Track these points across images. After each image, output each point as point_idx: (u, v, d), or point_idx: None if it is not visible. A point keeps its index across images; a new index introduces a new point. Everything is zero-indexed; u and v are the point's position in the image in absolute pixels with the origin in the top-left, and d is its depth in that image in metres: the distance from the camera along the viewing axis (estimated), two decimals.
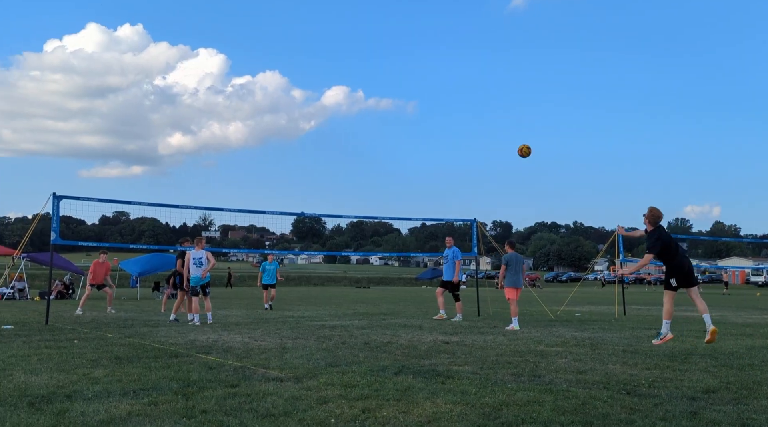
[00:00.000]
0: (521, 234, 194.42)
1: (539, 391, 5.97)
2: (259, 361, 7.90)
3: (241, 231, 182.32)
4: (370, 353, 8.83)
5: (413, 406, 5.32)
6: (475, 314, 18.06)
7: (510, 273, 13.46)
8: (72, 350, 8.87)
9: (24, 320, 14.59)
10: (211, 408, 5.19)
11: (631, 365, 7.81)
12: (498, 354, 8.76)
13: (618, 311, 19.29)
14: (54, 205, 13.74)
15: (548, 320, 15.86)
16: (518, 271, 13.50)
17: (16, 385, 6.14)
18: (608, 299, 32.16)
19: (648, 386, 6.31)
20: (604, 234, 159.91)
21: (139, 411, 5.08)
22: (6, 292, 26.51)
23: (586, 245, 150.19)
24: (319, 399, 5.56)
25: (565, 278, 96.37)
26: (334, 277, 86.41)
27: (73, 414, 4.97)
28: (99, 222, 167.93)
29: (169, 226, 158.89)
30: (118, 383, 6.26)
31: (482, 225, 19.29)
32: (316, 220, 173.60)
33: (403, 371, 7.10)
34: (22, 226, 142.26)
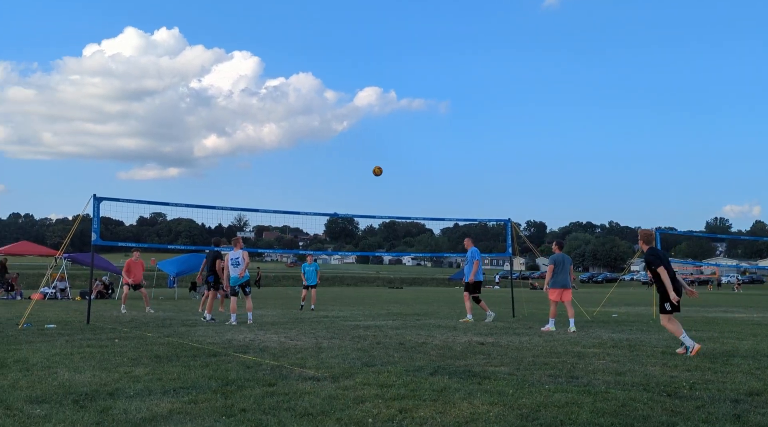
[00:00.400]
0: (556, 234, 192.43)
1: (577, 392, 5.92)
2: (296, 360, 7.97)
3: (275, 232, 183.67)
4: (405, 353, 8.84)
5: (450, 406, 5.31)
6: (510, 314, 17.95)
7: (556, 273, 13.17)
8: (113, 348, 9.04)
9: (66, 319, 14.90)
10: (250, 407, 5.25)
11: (670, 366, 7.70)
12: (534, 355, 8.70)
13: (655, 312, 18.99)
14: (94, 206, 14.01)
15: (585, 320, 15.70)
16: (566, 272, 13.22)
17: (60, 382, 6.28)
18: (645, 300, 31.72)
19: (689, 388, 6.21)
20: None
21: (179, 409, 5.16)
22: (48, 292, 27.08)
23: (622, 245, 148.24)
24: (355, 399, 5.59)
25: (600, 279, 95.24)
26: (367, 277, 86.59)
27: (116, 412, 5.07)
28: (137, 223, 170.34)
29: (204, 227, 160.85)
30: (159, 382, 6.37)
31: (516, 225, 19.17)
32: (349, 220, 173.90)
33: (438, 372, 7.10)
34: (62, 227, 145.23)
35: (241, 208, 19.40)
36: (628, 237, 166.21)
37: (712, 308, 24.77)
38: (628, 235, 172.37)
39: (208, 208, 16.42)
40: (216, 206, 16.30)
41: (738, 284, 64.10)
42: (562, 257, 13.29)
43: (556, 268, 13.13)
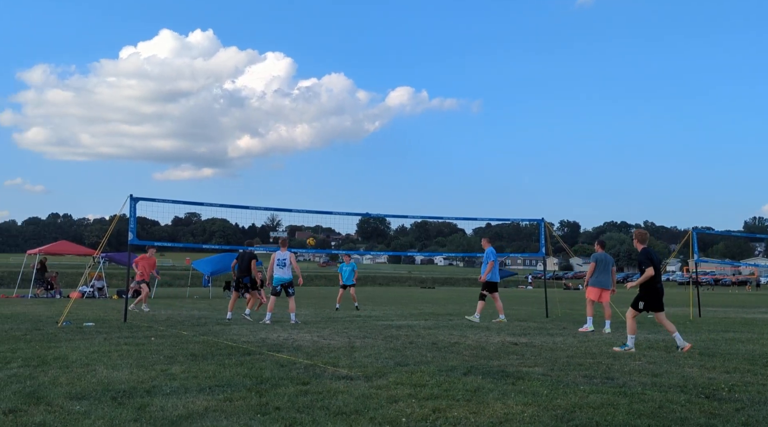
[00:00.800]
0: (590, 234, 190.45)
1: (613, 393, 5.86)
2: (329, 359, 8.00)
3: (308, 231, 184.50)
4: (438, 353, 8.83)
5: (484, 407, 5.29)
6: (544, 315, 17.82)
7: (597, 273, 12.88)
8: (150, 346, 9.18)
9: (104, 317, 15.17)
10: (284, 405, 5.29)
11: (708, 368, 7.57)
12: (569, 356, 8.62)
13: (693, 313, 18.69)
14: (131, 206, 14.24)
15: (620, 321, 15.50)
16: (607, 272, 12.89)
17: (99, 380, 6.40)
18: (682, 300, 31.20)
19: (728, 391, 6.10)
20: (677, 234, 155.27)
21: (215, 407, 5.22)
22: (86, 290, 27.59)
23: (657, 245, 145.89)
24: (389, 398, 5.60)
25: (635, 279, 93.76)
26: (399, 277, 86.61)
27: (153, 409, 5.14)
28: (172, 223, 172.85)
29: (238, 226, 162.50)
30: (194, 380, 6.45)
31: (549, 225, 19.01)
32: (381, 220, 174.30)
33: (472, 372, 7.07)
34: (100, 227, 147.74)
35: (274, 208, 19.60)
36: (664, 237, 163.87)
37: (750, 309, 24.28)
38: (664, 235, 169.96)
39: (242, 208, 16.59)
40: (249, 206, 16.47)
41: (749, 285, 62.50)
42: (604, 257, 13.00)
43: (598, 267, 12.84)
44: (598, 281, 12.87)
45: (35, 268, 29.16)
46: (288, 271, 13.95)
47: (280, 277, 13.92)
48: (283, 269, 13.91)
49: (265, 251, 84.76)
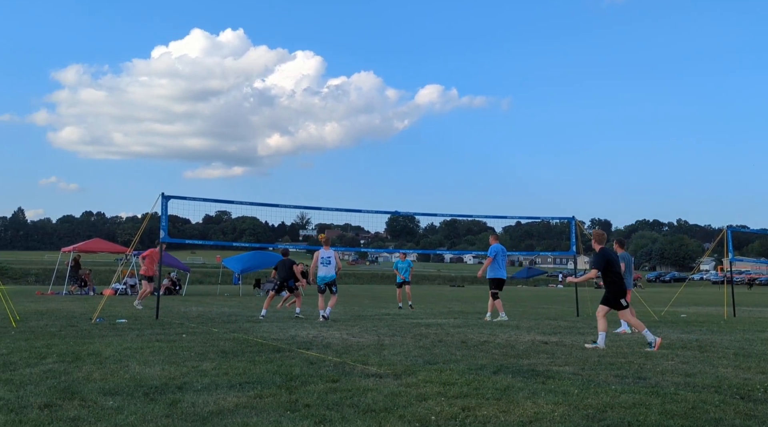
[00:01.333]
0: (621, 232, 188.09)
1: (645, 393, 5.78)
2: (358, 357, 8.01)
3: (337, 230, 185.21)
4: (467, 351, 8.79)
5: (514, 405, 5.26)
6: (574, 313, 17.65)
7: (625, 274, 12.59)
8: (181, 343, 9.28)
9: (136, 314, 15.38)
10: (314, 402, 5.31)
11: (743, 368, 7.43)
12: (600, 355, 8.53)
13: (727, 313, 18.38)
14: (163, 204, 14.40)
15: (652, 320, 15.31)
16: (629, 271, 12.43)
17: (131, 376, 6.49)
18: (716, 300, 30.69)
19: (764, 391, 5.98)
20: (711, 232, 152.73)
21: (245, 404, 5.26)
22: (119, 287, 28.00)
23: (691, 243, 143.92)
24: (418, 396, 5.59)
25: (668, 278, 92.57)
26: (428, 275, 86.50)
27: (185, 405, 5.20)
28: (203, 221, 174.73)
29: (268, 225, 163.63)
30: (225, 376, 6.50)
31: (580, 223, 18.82)
32: (410, 218, 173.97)
33: (501, 371, 7.03)
34: (132, 225, 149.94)
35: (303, 206, 19.76)
36: (697, 236, 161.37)
37: None
38: (698, 233, 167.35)
39: (272, 206, 16.70)
40: (279, 204, 16.58)
41: None
42: (624, 256, 12.36)
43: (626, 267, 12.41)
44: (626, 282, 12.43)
45: (69, 265, 29.67)
46: (332, 269, 14.03)
47: (325, 275, 14.00)
48: (328, 267, 13.99)
49: (294, 248, 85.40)
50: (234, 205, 16.46)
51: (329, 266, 14.00)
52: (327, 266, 14.00)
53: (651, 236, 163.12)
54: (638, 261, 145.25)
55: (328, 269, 14.00)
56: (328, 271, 14.00)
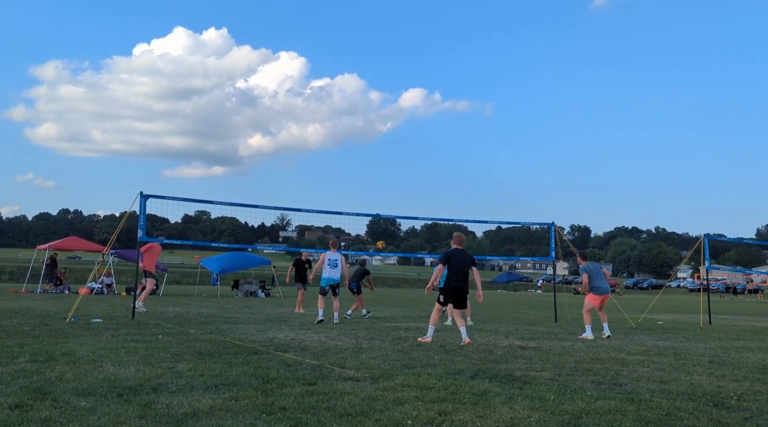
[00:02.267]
0: (600, 239, 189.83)
1: (621, 400, 5.81)
2: (336, 360, 7.98)
3: (318, 231, 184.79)
4: (445, 355, 8.80)
5: (490, 410, 5.26)
6: (552, 319, 17.74)
7: (593, 281, 12.73)
8: (157, 344, 9.19)
9: (112, 314, 15.21)
10: (290, 405, 5.28)
11: (717, 376, 7.50)
12: (577, 361, 8.57)
13: (703, 320, 18.57)
14: (141, 203, 14.26)
15: (629, 327, 15.43)
16: (600, 277, 12.82)
17: (105, 376, 6.41)
18: (692, 307, 31.02)
19: (737, 399, 6.04)
20: (688, 240, 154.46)
21: (220, 406, 5.21)
22: (95, 286, 27.71)
23: (668, 251, 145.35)
24: (395, 400, 5.57)
25: (646, 285, 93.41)
26: (408, 279, 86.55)
27: (159, 406, 5.14)
28: (182, 220, 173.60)
29: (248, 225, 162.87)
30: (201, 378, 6.44)
31: (560, 229, 18.93)
32: (391, 221, 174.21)
33: (479, 375, 7.04)
34: (110, 223, 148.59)
35: (284, 207, 19.57)
36: (675, 243, 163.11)
37: (761, 317, 24.09)
38: (676, 241, 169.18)
39: (252, 207, 16.59)
40: (259, 205, 16.45)
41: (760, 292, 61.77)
42: (593, 265, 12.94)
43: (592, 276, 12.74)
44: (598, 288, 12.81)
45: (45, 263, 29.33)
46: (338, 272, 13.92)
47: (329, 277, 13.90)
48: (334, 270, 13.88)
49: (273, 249, 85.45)
50: (213, 205, 16.32)
51: (335, 268, 13.90)
52: (333, 269, 13.90)
53: (629, 242, 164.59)
54: (616, 268, 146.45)
55: (334, 271, 13.89)
56: (333, 273, 13.89)
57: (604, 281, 12.86)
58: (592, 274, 12.83)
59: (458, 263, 10.52)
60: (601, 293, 12.79)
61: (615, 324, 16.19)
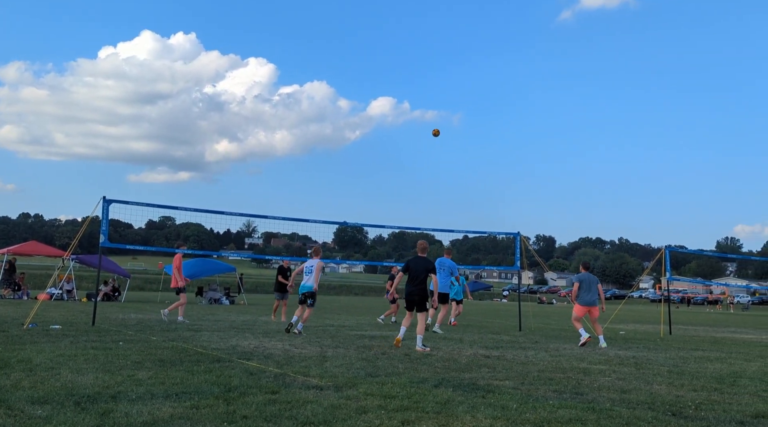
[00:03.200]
0: (565, 249, 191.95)
1: (582, 409, 5.86)
2: (300, 369, 7.93)
3: (284, 239, 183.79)
4: (410, 364, 8.79)
5: (453, 419, 5.26)
6: (517, 328, 17.86)
7: (582, 292, 13.38)
8: (117, 351, 9.04)
9: (71, 320, 14.92)
10: (252, 414, 5.22)
11: (677, 386, 7.62)
12: (539, 370, 8.64)
13: (663, 331, 18.86)
14: (104, 208, 14.05)
15: (592, 337, 15.58)
16: (591, 290, 13.42)
17: (63, 384, 6.27)
18: (653, 318, 31.50)
19: (695, 409, 6.14)
20: (650, 251, 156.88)
21: (181, 414, 5.14)
22: (55, 292, 27.16)
23: (631, 261, 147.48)
24: (358, 409, 5.55)
25: (608, 295, 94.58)
26: (375, 287, 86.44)
27: (118, 415, 5.05)
28: (146, 226, 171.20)
29: (213, 232, 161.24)
30: (161, 386, 6.34)
31: (525, 239, 19.10)
32: (359, 229, 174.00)
33: (442, 384, 7.05)
34: (71, 228, 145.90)
35: (250, 214, 19.44)
36: (637, 254, 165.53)
37: (720, 328, 24.56)
38: (638, 252, 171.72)
39: (217, 213, 16.46)
40: (225, 212, 16.36)
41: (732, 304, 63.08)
42: (587, 276, 13.49)
43: (582, 287, 13.36)
44: (584, 299, 13.32)
45: (3, 268, 28.67)
46: (310, 280, 13.18)
47: (302, 284, 13.29)
48: (306, 277, 13.20)
49: (239, 256, 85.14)
50: (178, 211, 16.09)
51: (309, 275, 13.18)
52: (307, 275, 13.22)
53: (593, 253, 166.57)
54: None
55: (306, 278, 13.19)
56: (305, 281, 13.21)
57: (593, 293, 13.38)
58: (583, 284, 13.33)
59: (415, 269, 11.03)
60: (585, 304, 13.31)
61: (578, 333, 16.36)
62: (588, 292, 13.32)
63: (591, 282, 13.42)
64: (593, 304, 13.36)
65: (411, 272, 11.09)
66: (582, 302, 13.28)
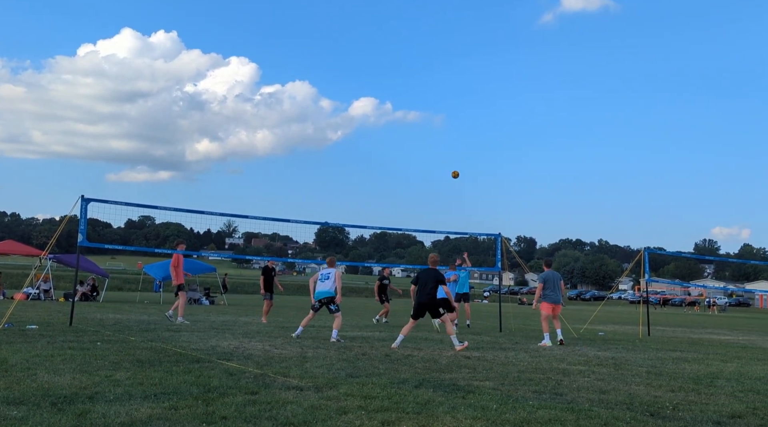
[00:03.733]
0: (545, 250, 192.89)
1: (561, 409, 5.89)
2: (280, 369, 7.90)
3: (265, 239, 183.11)
4: (390, 365, 8.79)
5: (433, 420, 5.27)
6: (497, 329, 17.92)
7: (548, 290, 13.62)
8: (95, 351, 8.94)
9: (48, 320, 14.76)
10: (231, 415, 5.19)
11: (654, 386, 7.68)
12: (520, 371, 8.67)
13: (642, 332, 19.02)
14: (82, 207, 13.90)
15: (571, 338, 15.69)
16: (556, 288, 13.66)
17: (39, 385, 6.20)
18: (632, 319, 31.75)
19: (672, 409, 6.19)
20: (629, 253, 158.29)
21: (159, 415, 5.09)
22: (32, 292, 26.85)
23: (611, 263, 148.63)
24: (338, 409, 5.54)
25: (588, 297, 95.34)
26: (356, 288, 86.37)
27: (95, 416, 4.99)
28: (125, 226, 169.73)
29: (193, 231, 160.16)
30: (140, 387, 6.29)
31: (506, 240, 19.18)
32: (340, 230, 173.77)
33: (423, 385, 7.05)
34: (49, 227, 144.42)
35: (231, 214, 19.31)
36: (617, 256, 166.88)
37: (698, 329, 24.82)
38: (618, 254, 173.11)
39: (198, 213, 16.33)
40: (205, 211, 16.23)
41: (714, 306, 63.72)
42: (552, 274, 13.72)
43: (547, 284, 13.59)
44: (551, 297, 13.61)
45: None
46: (329, 285, 12.67)
47: (320, 290, 12.67)
48: (324, 283, 12.68)
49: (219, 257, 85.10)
50: (158, 210, 15.93)
51: (327, 281, 12.69)
52: (324, 282, 12.70)
53: (573, 254, 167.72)
54: None
55: (325, 284, 12.68)
56: (323, 286, 12.69)
57: (558, 291, 13.66)
58: (548, 282, 13.57)
59: (425, 281, 11.44)
60: (552, 302, 13.60)
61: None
62: (554, 290, 13.61)
63: (556, 280, 13.66)
64: (558, 302, 13.70)
65: (420, 283, 11.47)
66: (549, 300, 13.59)
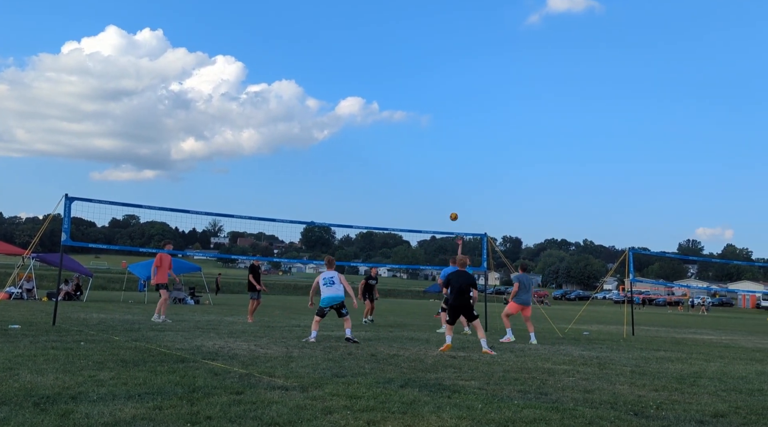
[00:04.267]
0: (531, 250, 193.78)
1: (546, 409, 5.91)
2: (265, 369, 7.88)
3: (250, 238, 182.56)
4: (376, 364, 8.79)
5: (419, 420, 5.27)
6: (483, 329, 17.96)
7: (520, 292, 14.14)
8: (78, 351, 8.88)
9: (31, 320, 14.63)
10: (216, 415, 5.17)
11: (638, 386, 7.73)
12: (505, 370, 8.70)
13: (626, 331, 19.14)
14: (66, 206, 13.80)
15: (556, 337, 15.76)
16: (528, 291, 14.30)
17: (21, 385, 6.14)
18: (617, 318, 31.95)
19: (656, 408, 6.23)
20: (614, 253, 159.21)
21: (143, 415, 5.06)
22: (14, 291, 26.61)
23: (595, 263, 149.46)
24: (324, 409, 5.53)
25: (573, 296, 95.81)
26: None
27: (78, 416, 4.95)
28: (109, 225, 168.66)
29: (178, 231, 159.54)
30: (124, 387, 6.25)
31: (492, 240, 19.23)
32: (326, 229, 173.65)
33: (409, 384, 7.06)
34: (32, 226, 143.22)
35: (216, 213, 19.27)
36: (602, 256, 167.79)
37: (681, 329, 25.01)
38: (602, 254, 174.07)
39: (183, 212, 16.27)
40: (190, 210, 16.16)
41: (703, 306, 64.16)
42: (526, 277, 14.37)
43: (522, 287, 14.14)
44: (521, 299, 14.17)
45: None
46: (339, 289, 12.39)
47: (329, 296, 12.31)
48: (332, 288, 12.36)
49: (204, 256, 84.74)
50: (143, 209, 15.83)
51: (333, 286, 12.36)
52: (331, 287, 12.37)
53: (558, 254, 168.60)
54: (546, 279, 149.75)
55: (331, 289, 12.35)
56: (331, 291, 12.32)
57: (529, 293, 14.32)
58: (522, 284, 14.11)
59: (457, 284, 11.39)
60: (521, 303, 14.12)
61: (542, 334, 16.51)
62: (526, 292, 14.21)
63: (529, 283, 14.32)
64: (527, 303, 14.22)
65: (453, 287, 11.41)
66: (518, 301, 14.10)
